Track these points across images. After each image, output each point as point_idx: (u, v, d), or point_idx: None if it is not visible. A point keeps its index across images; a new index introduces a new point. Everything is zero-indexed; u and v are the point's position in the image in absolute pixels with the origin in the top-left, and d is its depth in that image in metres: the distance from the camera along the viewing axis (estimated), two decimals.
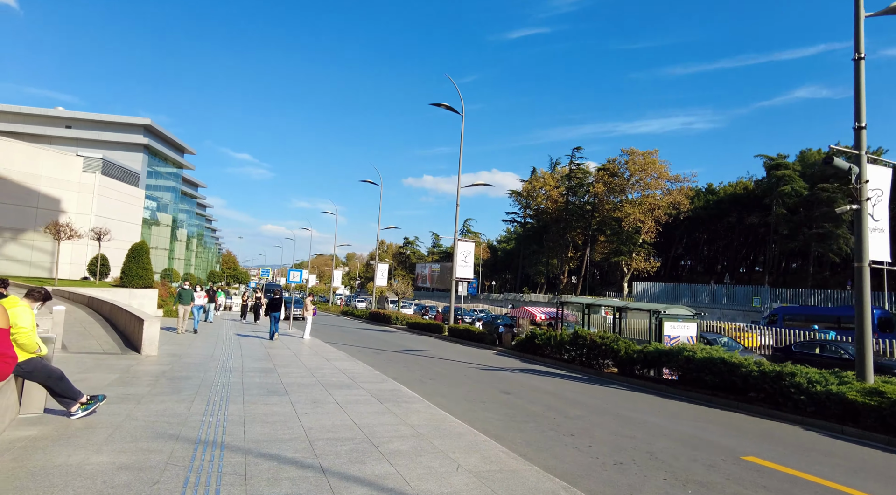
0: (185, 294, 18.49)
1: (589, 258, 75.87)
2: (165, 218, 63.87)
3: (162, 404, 7.51)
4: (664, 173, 64.07)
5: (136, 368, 10.48)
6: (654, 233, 64.71)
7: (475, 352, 20.71)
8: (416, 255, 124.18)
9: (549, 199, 76.60)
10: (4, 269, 34.85)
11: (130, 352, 12.60)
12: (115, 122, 55.75)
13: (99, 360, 11.13)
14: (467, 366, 15.93)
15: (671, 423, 9.27)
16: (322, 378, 10.93)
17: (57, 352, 11.81)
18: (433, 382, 12.41)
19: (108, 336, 14.61)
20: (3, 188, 34.72)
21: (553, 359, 18.05)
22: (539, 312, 20.67)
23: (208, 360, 12.32)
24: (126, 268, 27.85)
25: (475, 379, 13.40)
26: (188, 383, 9.28)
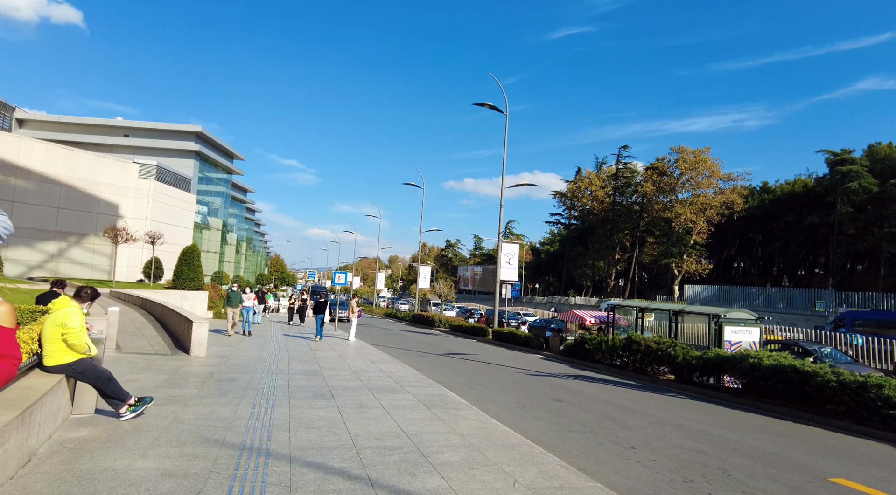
0: (233, 296, 18.42)
1: (637, 260, 73.71)
2: (216, 222, 65.93)
3: (208, 407, 7.42)
4: (716, 172, 61.51)
5: (184, 370, 10.54)
6: (706, 234, 62.20)
7: (521, 357, 20.18)
8: (458, 258, 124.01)
9: (594, 200, 74.89)
10: (69, 272, 36.59)
11: (180, 353, 12.75)
12: (169, 129, 58.03)
13: (150, 361, 11.27)
14: (514, 371, 15.45)
15: (741, 436, 8.55)
16: (368, 381, 10.71)
17: (111, 352, 12.07)
18: (480, 387, 12.01)
19: (160, 337, 14.89)
20: (69, 195, 36.50)
21: (604, 365, 17.34)
22: (589, 316, 19.95)
23: (255, 362, 12.33)
24: (178, 271, 28.70)
25: (524, 384, 12.92)
26: (234, 385, 9.22)
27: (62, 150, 36.77)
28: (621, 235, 74.17)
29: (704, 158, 61.57)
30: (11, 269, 33.71)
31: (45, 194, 35.11)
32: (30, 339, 5.85)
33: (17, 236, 34.09)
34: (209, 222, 62.99)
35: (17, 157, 33.80)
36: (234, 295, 18.56)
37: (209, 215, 62.70)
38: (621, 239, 74.54)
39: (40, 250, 35.18)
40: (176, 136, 57.87)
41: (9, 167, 33.43)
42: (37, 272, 34.60)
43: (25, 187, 34.24)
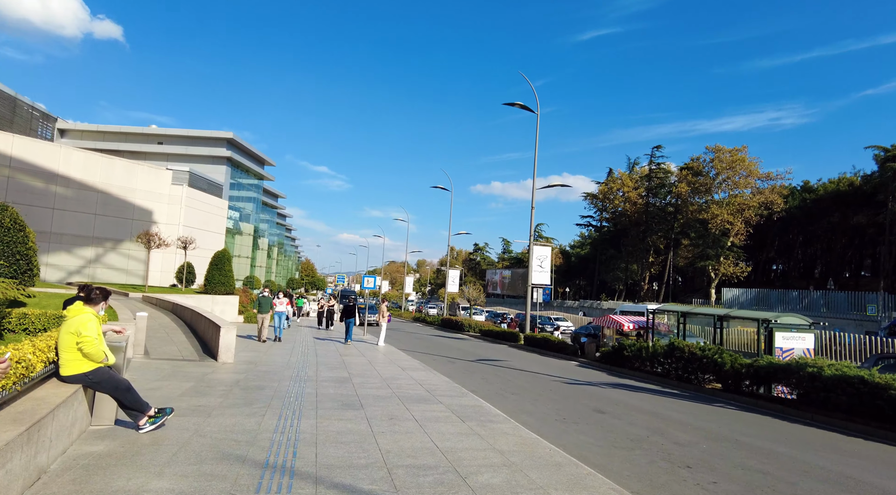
0: (264, 302, 17.72)
1: (671, 263, 71.75)
2: (247, 227, 66.84)
3: (232, 418, 7.05)
4: (754, 171, 59.42)
5: (210, 377, 10.26)
6: (744, 236, 60.06)
7: (555, 364, 19.47)
8: (486, 261, 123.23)
9: (627, 201, 73.24)
10: (105, 277, 37.37)
11: (208, 359, 12.53)
12: (201, 136, 59.16)
13: (177, 367, 11.05)
14: (550, 379, 14.79)
15: (808, 455, 7.77)
16: (398, 389, 10.24)
17: (139, 357, 11.93)
18: (516, 397, 11.42)
19: (189, 342, 14.75)
20: (106, 201, 37.32)
21: (644, 373, 16.51)
22: (626, 321, 19.12)
23: (283, 369, 12.01)
24: (209, 276, 28.88)
25: (561, 394, 12.27)
26: (261, 394, 8.86)
27: (99, 158, 37.65)
28: (655, 237, 72.36)
29: (742, 157, 59.57)
30: (52, 274, 34.58)
31: (84, 201, 35.95)
32: (46, 347, 5.57)
33: (57, 242, 34.98)
34: (241, 227, 63.87)
35: (58, 166, 34.70)
36: (264, 300, 17.83)
37: (241, 220, 63.60)
38: (655, 241, 72.71)
39: (79, 256, 36.03)
40: (208, 143, 58.91)
41: (50, 175, 34.34)
42: (75, 277, 35.40)
43: (65, 194, 35.12)
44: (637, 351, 16.89)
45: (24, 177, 33.15)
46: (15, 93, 42.70)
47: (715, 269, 62.61)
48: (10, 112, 42.36)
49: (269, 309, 17.74)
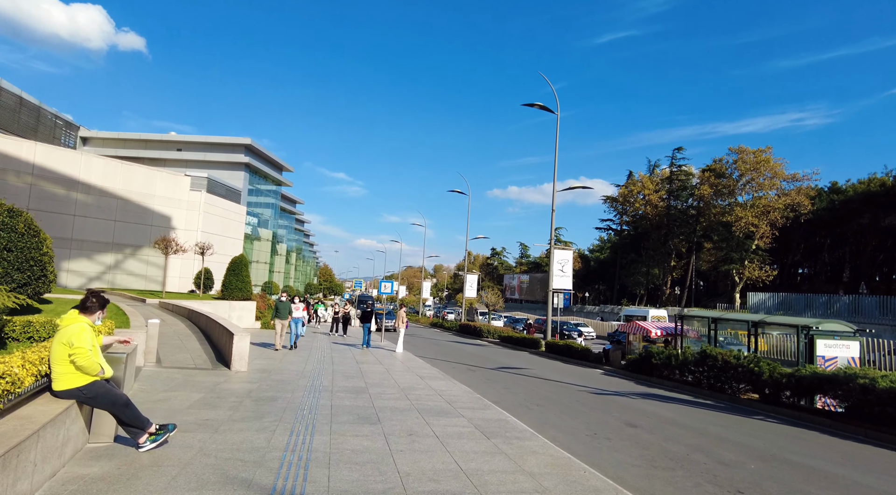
0: (282, 306, 16.64)
1: (694, 267, 70.21)
2: (266, 233, 67.07)
3: (241, 433, 6.57)
4: (780, 172, 57.85)
5: (222, 387, 9.83)
6: (770, 239, 58.44)
7: (579, 372, 18.75)
8: (504, 266, 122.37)
9: (648, 204, 71.89)
10: (124, 283, 37.54)
11: (221, 368, 12.13)
12: (219, 143, 59.58)
13: (188, 376, 10.65)
14: (576, 389, 14.12)
15: (874, 479, 7.03)
16: (417, 401, 9.70)
17: (150, 365, 11.57)
18: (541, 409, 10.80)
19: (202, 349, 14.40)
20: (125, 208, 37.55)
21: (674, 382, 15.74)
22: (653, 327, 18.34)
23: (298, 378, 11.55)
24: (226, 281, 28.69)
25: (589, 405, 11.60)
26: (273, 406, 8.39)
27: (119, 165, 37.92)
28: (677, 241, 70.92)
29: (766, 158, 58.07)
30: (73, 281, 34.83)
31: (104, 207, 36.20)
32: (38, 360, 5.14)
33: (77, 248, 35.24)
34: (259, 233, 64.11)
35: (79, 173, 35.00)
36: (282, 305, 16.67)
37: (259, 226, 63.84)
38: (677, 245, 71.26)
39: (99, 262, 36.26)
40: (226, 149, 59.30)
41: (71, 182, 34.64)
42: (95, 283, 35.62)
43: (86, 201, 35.39)
44: (666, 358, 16.13)
45: (47, 185, 33.48)
46: (39, 102, 43.40)
47: (739, 273, 61.07)
48: (35, 121, 43.05)
49: (287, 314, 16.63)
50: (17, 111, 40.79)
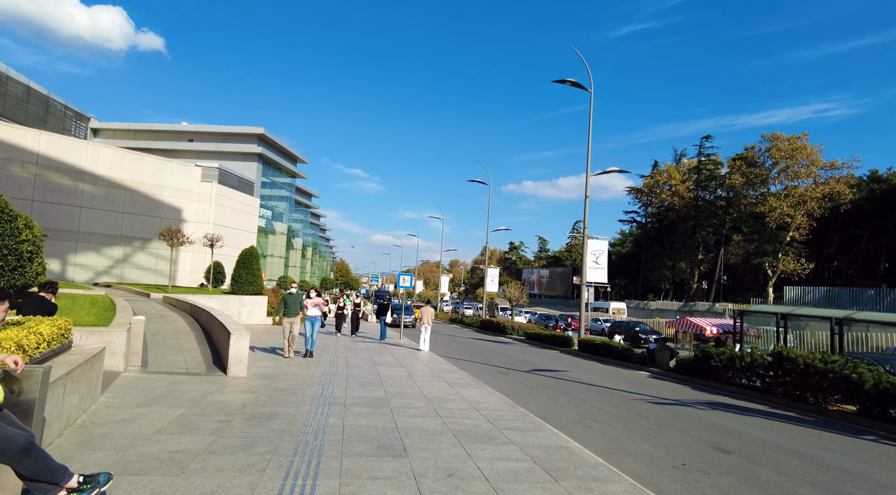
0: (291, 301, 13.19)
1: (722, 260, 67.32)
2: (281, 226, 65.66)
3: (216, 476, 4.71)
4: (817, 160, 54.67)
5: (211, 399, 8.01)
6: (807, 230, 55.42)
7: (624, 375, 16.70)
8: (522, 261, 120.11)
9: (675, 195, 69.01)
10: (133, 277, 36.25)
11: (217, 373, 10.35)
12: (231, 132, 58.12)
13: (174, 384, 8.87)
14: (630, 398, 12.09)
15: None
16: (450, 418, 7.79)
17: (133, 370, 9.82)
18: (602, 427, 8.81)
19: (200, 350, 12.66)
20: (134, 199, 36.20)
21: (737, 387, 13.64)
22: (708, 324, 16.21)
23: (304, 385, 9.70)
24: (236, 275, 27.08)
25: (658, 420, 9.57)
26: (269, 427, 6.53)
27: (128, 155, 36.54)
28: (704, 233, 68.00)
29: (803, 145, 54.92)
30: (80, 275, 33.56)
31: (112, 199, 34.85)
32: None
33: (84, 241, 33.96)
34: (274, 227, 62.69)
35: (85, 163, 33.66)
36: (292, 299, 13.27)
37: (273, 220, 62.42)
38: (704, 237, 68.34)
39: (107, 255, 34.95)
40: (239, 139, 57.82)
41: (78, 172, 33.32)
42: (103, 277, 34.33)
43: (93, 192, 34.06)
44: (728, 360, 14.01)
45: (53, 175, 32.17)
46: (48, 92, 42.25)
47: (773, 267, 58.10)
48: (44, 111, 41.92)
49: (298, 311, 13.28)
50: (25, 101, 39.66)
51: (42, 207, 31.58)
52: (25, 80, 40.11)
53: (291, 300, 13.37)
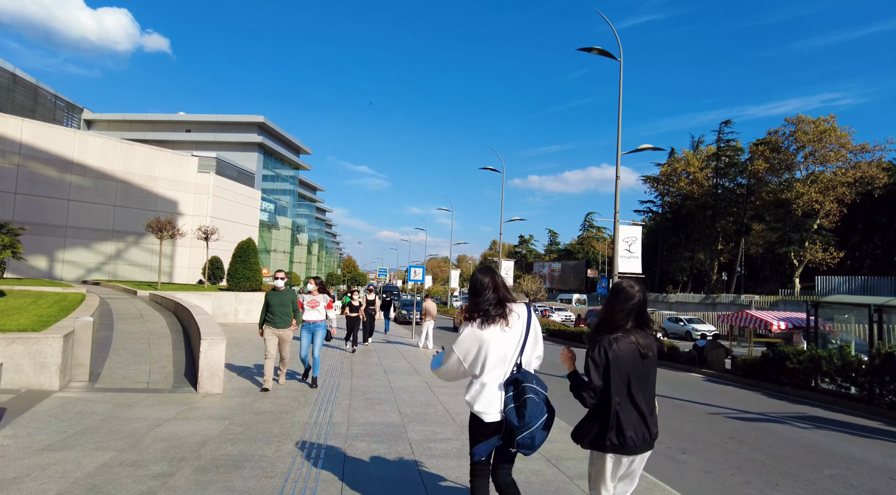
0: (277, 301, 8.41)
1: (743, 250, 64.57)
2: (285, 221, 63.55)
3: None
4: (847, 143, 51.79)
5: (162, 430, 5.76)
6: (838, 217, 52.58)
7: (675, 379, 14.38)
8: (533, 254, 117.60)
9: (693, 183, 66.24)
10: (126, 274, 34.25)
11: (185, 388, 8.12)
12: (230, 121, 55.91)
13: (120, 408, 6.64)
14: (703, 412, 9.76)
15: None
16: None
17: (76, 386, 7.60)
18: (697, 460, 6.49)
19: (173, 357, 10.44)
20: (126, 191, 34.13)
21: (823, 394, 11.28)
22: (773, 318, 13.84)
23: (294, 406, 7.43)
24: (232, 270, 24.96)
25: (763, 448, 7.23)
26: (230, 488, 4.26)
27: (118, 144, 34.42)
28: (724, 223, 65.22)
29: (832, 128, 52.04)
30: (69, 272, 31.55)
31: (102, 191, 32.78)
32: None
33: (73, 237, 31.93)
34: (277, 221, 60.57)
35: (73, 153, 31.58)
36: (278, 299, 8.44)
37: (277, 213, 60.29)
38: (724, 227, 65.56)
39: (98, 251, 32.92)
40: (238, 129, 55.58)
41: (65, 163, 31.25)
42: (94, 275, 32.30)
43: (81, 184, 32.00)
44: (810, 362, 11.62)
45: (37, 166, 30.10)
46: (36, 80, 40.16)
47: (799, 256, 55.35)
48: (32, 101, 39.86)
49: (289, 318, 8.44)
50: (11, 90, 37.56)
51: (26, 200, 29.56)
52: (11, 68, 38.05)
53: (278, 300, 8.37)
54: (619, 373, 2.79)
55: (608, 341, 2.83)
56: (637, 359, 2.83)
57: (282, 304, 8.42)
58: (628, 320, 2.89)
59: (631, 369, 2.81)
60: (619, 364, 2.79)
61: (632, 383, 2.80)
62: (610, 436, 2.78)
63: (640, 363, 2.84)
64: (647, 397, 2.91)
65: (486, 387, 3.01)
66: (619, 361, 2.79)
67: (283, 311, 8.40)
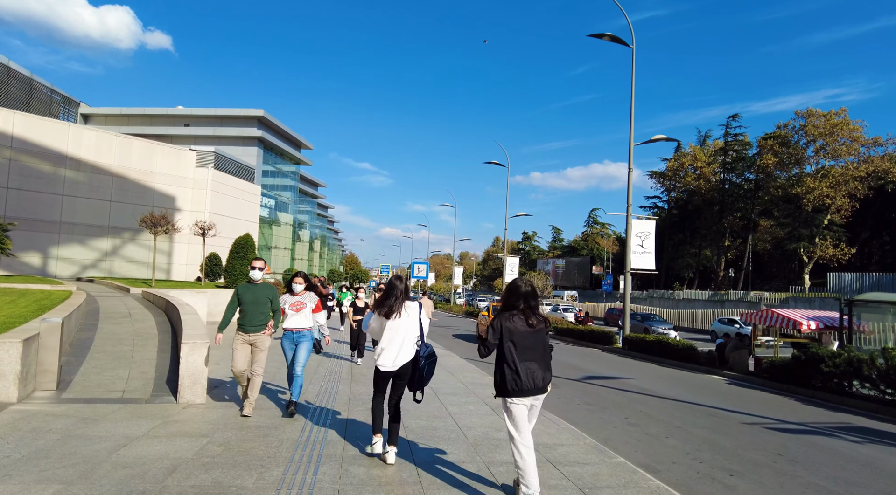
0: (250, 298, 6.53)
1: (751, 246, 63.52)
2: (286, 217, 62.70)
3: None
4: (860, 136, 50.70)
5: (126, 453, 4.90)
6: (850, 212, 51.49)
7: (696, 382, 13.47)
8: (536, 251, 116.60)
9: (701, 178, 65.16)
10: (123, 271, 33.47)
11: (165, 397, 7.27)
12: (229, 115, 55.02)
13: (83, 423, 5.79)
14: (738, 422, 8.87)
15: None
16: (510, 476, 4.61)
17: (41, 395, 6.73)
18: (748, 485, 5.61)
19: (157, 361, 9.60)
20: (122, 186, 33.33)
21: (861, 400, 10.39)
22: (803, 317, 12.94)
23: (284, 422, 6.55)
24: (229, 266, 24.21)
25: (820, 470, 6.34)
26: None
27: (114, 138, 33.59)
28: (731, 218, 64.13)
29: (843, 121, 50.92)
30: (64, 269, 30.77)
31: (97, 186, 31.98)
32: None
33: (68, 233, 31.15)
34: (278, 217, 59.71)
35: (67, 146, 30.77)
36: (252, 295, 6.55)
37: (278, 210, 59.43)
38: (731, 223, 64.47)
39: (93, 248, 32.14)
40: (237, 123, 54.65)
41: (59, 157, 30.45)
42: (89, 272, 31.53)
43: (76, 179, 31.19)
44: (848, 365, 10.72)
45: (30, 160, 29.29)
46: (31, 74, 39.33)
47: (809, 252, 54.28)
48: (27, 94, 39.05)
49: (265, 319, 6.56)
50: (5, 83, 36.73)
51: (19, 195, 28.78)
52: (5, 60, 37.24)
53: (252, 296, 6.51)
54: (513, 338, 4.00)
55: (505, 317, 4.08)
56: (526, 329, 4.04)
57: (256, 302, 6.49)
58: (520, 304, 4.13)
59: (521, 336, 4.01)
60: (513, 331, 4.01)
61: (523, 345, 3.98)
62: (510, 383, 3.94)
63: (528, 332, 4.04)
64: (537, 356, 4.02)
65: (385, 350, 4.99)
66: (512, 330, 4.02)
67: (259, 310, 6.47)
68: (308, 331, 6.87)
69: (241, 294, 6.57)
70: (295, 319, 6.84)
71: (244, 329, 6.48)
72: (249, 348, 6.51)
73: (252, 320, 6.47)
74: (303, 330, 6.84)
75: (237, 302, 6.57)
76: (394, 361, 4.95)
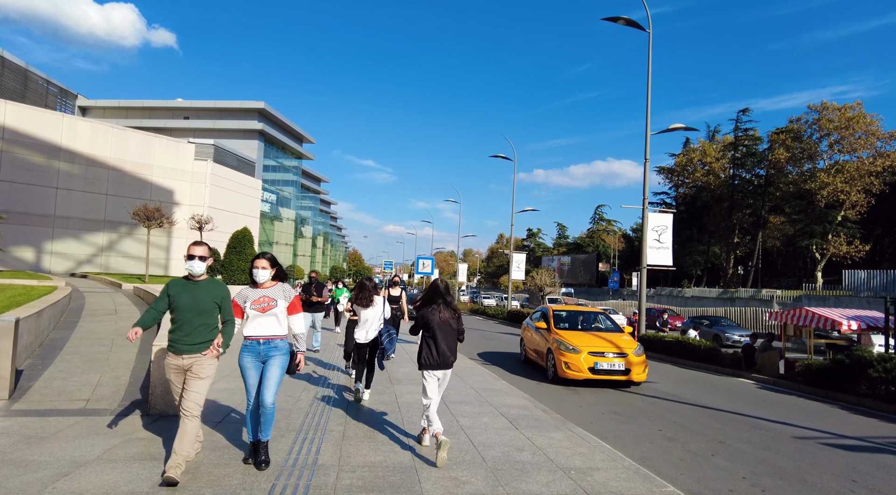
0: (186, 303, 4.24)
1: (761, 243, 62.28)
2: (288, 212, 61.77)
3: None
4: (876, 130, 49.38)
5: (61, 489, 3.92)
6: (865, 208, 50.21)
7: (725, 386, 12.46)
8: (541, 248, 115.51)
9: (710, 174, 63.88)
10: (119, 266, 32.63)
11: (133, 408, 6.31)
12: (229, 108, 54.02)
13: (24, 441, 4.83)
14: (787, 435, 7.87)
15: None
16: None
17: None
18: None
19: (133, 364, 8.65)
20: (119, 180, 32.48)
21: None
22: (842, 316, 11.90)
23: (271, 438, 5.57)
24: (226, 261, 23.32)
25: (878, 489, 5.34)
26: None
27: (110, 130, 32.71)
28: (741, 215, 62.85)
29: (859, 114, 49.60)
30: (58, 264, 29.96)
31: (93, 179, 31.12)
32: None
33: (62, 227, 30.30)
34: (280, 212, 58.78)
35: (61, 138, 29.90)
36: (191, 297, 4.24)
37: (279, 204, 58.48)
38: (741, 219, 63.20)
39: (88, 242, 31.30)
40: (237, 115, 53.68)
41: (52, 148, 29.59)
42: (84, 267, 30.72)
43: (71, 172, 30.34)
44: None
45: (22, 151, 28.44)
46: (26, 64, 38.47)
47: (822, 249, 53.03)
48: (21, 86, 38.16)
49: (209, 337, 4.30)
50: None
51: (10, 188, 27.92)
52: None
53: (191, 299, 4.26)
54: (432, 326, 5.24)
55: (429, 310, 5.32)
56: (442, 319, 5.28)
57: (196, 308, 4.25)
58: (438, 299, 5.38)
59: (438, 324, 5.25)
60: (432, 320, 5.25)
61: (440, 332, 5.24)
62: (427, 359, 5.24)
63: (442, 321, 5.27)
64: (448, 341, 5.29)
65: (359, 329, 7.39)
66: (431, 319, 5.25)
67: (199, 322, 4.27)
68: (281, 341, 4.66)
69: (173, 295, 4.27)
70: (260, 323, 4.59)
71: (175, 347, 4.26)
72: (183, 375, 4.33)
73: (188, 335, 4.23)
74: (272, 338, 4.61)
75: (165, 305, 4.30)
76: (366, 336, 7.30)
